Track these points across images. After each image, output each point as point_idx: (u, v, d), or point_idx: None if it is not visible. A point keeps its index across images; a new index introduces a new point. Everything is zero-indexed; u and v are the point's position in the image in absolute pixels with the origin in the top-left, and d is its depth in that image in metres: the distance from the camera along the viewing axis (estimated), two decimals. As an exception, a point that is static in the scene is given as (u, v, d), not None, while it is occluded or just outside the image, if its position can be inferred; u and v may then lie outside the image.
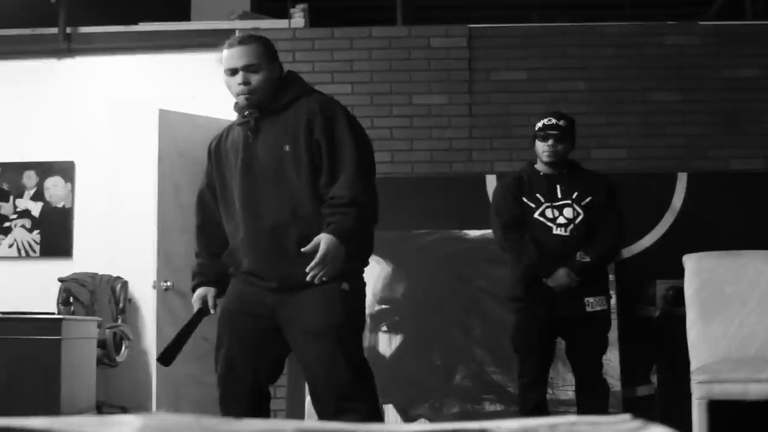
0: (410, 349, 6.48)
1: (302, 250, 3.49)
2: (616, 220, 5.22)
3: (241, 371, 3.66)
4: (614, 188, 5.30)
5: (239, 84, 3.64)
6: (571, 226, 5.12)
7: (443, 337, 6.44)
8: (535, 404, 5.04)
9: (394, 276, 6.56)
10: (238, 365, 3.66)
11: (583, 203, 5.16)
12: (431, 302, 6.51)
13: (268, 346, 3.68)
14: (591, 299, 5.07)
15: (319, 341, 3.55)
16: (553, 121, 5.19)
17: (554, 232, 5.11)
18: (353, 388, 3.57)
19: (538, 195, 5.17)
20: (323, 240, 3.47)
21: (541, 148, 5.20)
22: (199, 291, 3.92)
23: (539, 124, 5.22)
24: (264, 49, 3.71)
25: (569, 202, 5.16)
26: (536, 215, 5.15)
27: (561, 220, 5.13)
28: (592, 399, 5.07)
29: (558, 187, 5.19)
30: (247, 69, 3.64)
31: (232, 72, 3.66)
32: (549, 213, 5.15)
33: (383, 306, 6.51)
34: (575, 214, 5.13)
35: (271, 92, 3.70)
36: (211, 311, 3.91)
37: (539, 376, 5.11)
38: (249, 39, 3.72)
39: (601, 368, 5.21)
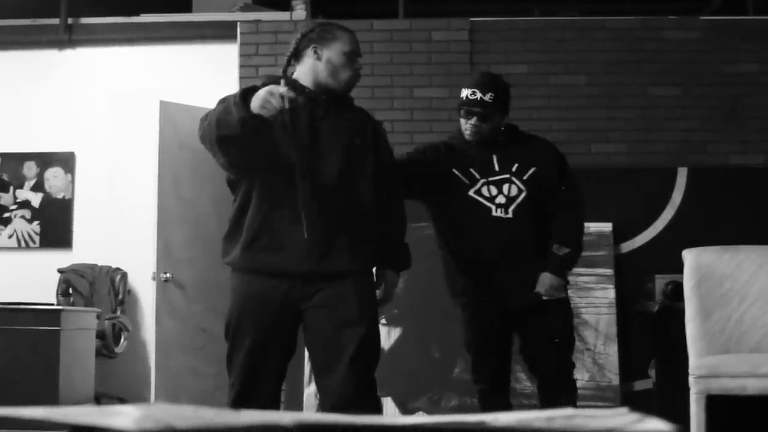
0: (409, 342, 6.49)
1: (379, 298, 3.82)
2: (574, 196, 4.40)
3: (264, 374, 3.62)
4: (563, 157, 4.46)
5: (357, 69, 3.74)
6: (513, 205, 4.24)
7: (442, 331, 6.44)
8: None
9: (393, 269, 6.56)
10: (260, 369, 3.61)
11: (525, 177, 4.27)
12: (430, 295, 6.51)
13: (286, 337, 3.65)
14: None
15: (357, 328, 3.56)
16: (478, 95, 4.25)
17: (493, 213, 4.23)
18: (373, 372, 3.65)
19: (471, 170, 4.28)
20: (393, 280, 3.90)
21: (463, 125, 4.34)
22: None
23: (461, 95, 4.31)
24: None
25: (508, 176, 4.26)
26: (471, 192, 4.26)
27: (500, 198, 4.24)
28: (557, 402, 4.17)
29: (494, 157, 4.30)
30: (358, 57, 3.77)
31: (357, 55, 3.74)
32: (486, 191, 4.26)
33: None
34: (517, 191, 4.24)
35: None
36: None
37: (499, 381, 4.38)
38: None
39: (569, 367, 4.35)
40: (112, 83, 7.85)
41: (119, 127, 7.80)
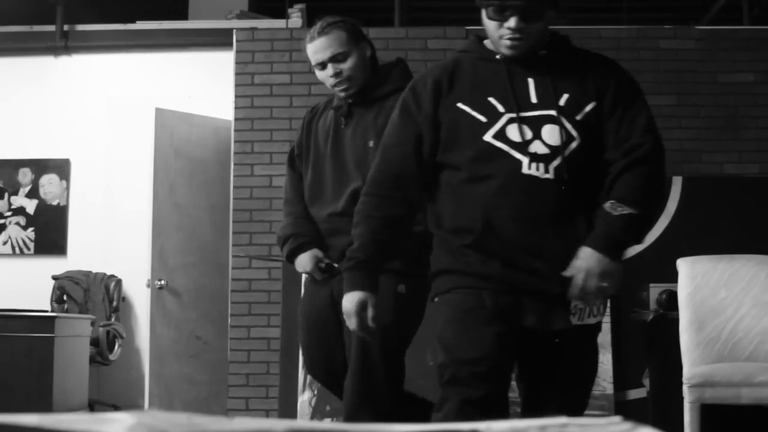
0: (404, 350, 6.47)
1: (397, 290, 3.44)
2: (653, 142, 2.86)
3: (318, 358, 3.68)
4: (635, 82, 2.84)
5: (331, 77, 3.47)
6: (557, 160, 2.63)
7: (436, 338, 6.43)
8: None
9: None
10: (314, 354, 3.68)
11: (580, 115, 2.69)
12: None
13: (332, 330, 3.63)
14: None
15: (360, 338, 3.36)
16: None
17: (524, 170, 2.62)
18: (374, 393, 3.54)
19: (491, 99, 2.69)
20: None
21: (493, 33, 2.77)
22: (308, 256, 3.56)
23: None
24: (347, 34, 3.54)
25: (553, 113, 2.67)
26: (488, 137, 2.65)
27: (538, 147, 2.63)
28: None
29: (531, 83, 2.72)
30: (335, 59, 3.48)
31: (322, 66, 3.49)
32: (514, 133, 2.64)
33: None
34: (566, 137, 2.65)
35: (369, 75, 3.56)
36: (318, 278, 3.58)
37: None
38: (329, 27, 3.53)
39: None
40: (108, 90, 7.86)
41: (114, 134, 7.80)
